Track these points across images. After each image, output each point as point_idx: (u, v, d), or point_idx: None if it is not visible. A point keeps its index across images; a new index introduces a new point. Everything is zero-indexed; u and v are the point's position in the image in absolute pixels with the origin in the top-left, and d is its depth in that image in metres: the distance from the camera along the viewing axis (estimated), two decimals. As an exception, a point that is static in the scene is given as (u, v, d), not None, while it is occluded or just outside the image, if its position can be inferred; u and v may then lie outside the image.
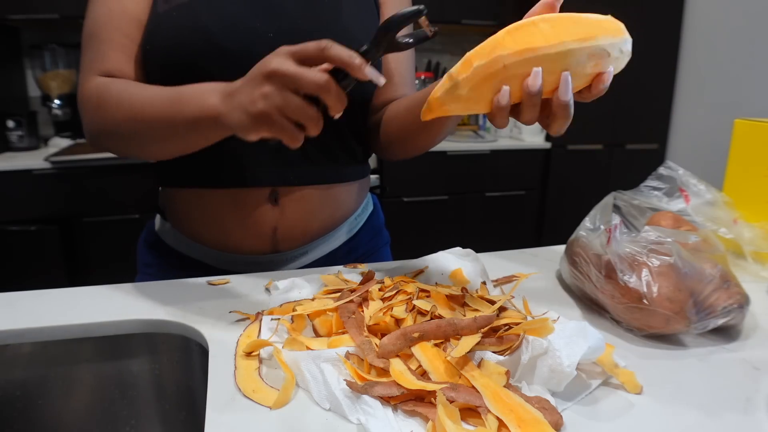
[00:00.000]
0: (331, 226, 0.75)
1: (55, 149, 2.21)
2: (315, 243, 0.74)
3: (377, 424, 0.38)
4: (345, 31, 0.67)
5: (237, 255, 0.72)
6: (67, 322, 0.54)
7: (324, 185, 0.72)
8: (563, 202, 2.70)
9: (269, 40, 0.63)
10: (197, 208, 0.71)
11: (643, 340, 0.51)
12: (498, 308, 0.48)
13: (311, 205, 0.71)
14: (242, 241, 0.71)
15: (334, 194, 0.74)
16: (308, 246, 0.74)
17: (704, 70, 2.54)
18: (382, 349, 0.43)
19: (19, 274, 2.10)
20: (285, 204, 0.70)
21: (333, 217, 0.75)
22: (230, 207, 0.69)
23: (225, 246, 0.72)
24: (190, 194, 0.71)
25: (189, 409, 0.59)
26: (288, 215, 0.70)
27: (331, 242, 0.76)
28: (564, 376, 0.40)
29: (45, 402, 0.56)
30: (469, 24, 2.63)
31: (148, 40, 0.65)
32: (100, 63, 0.65)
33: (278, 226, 0.70)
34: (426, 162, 2.47)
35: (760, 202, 0.74)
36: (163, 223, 0.77)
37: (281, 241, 0.72)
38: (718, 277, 0.51)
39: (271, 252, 0.72)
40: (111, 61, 0.65)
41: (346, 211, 0.77)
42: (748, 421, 0.40)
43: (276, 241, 0.71)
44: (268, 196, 0.69)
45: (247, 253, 0.72)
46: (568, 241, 0.65)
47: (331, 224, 0.75)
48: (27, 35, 2.46)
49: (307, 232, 0.73)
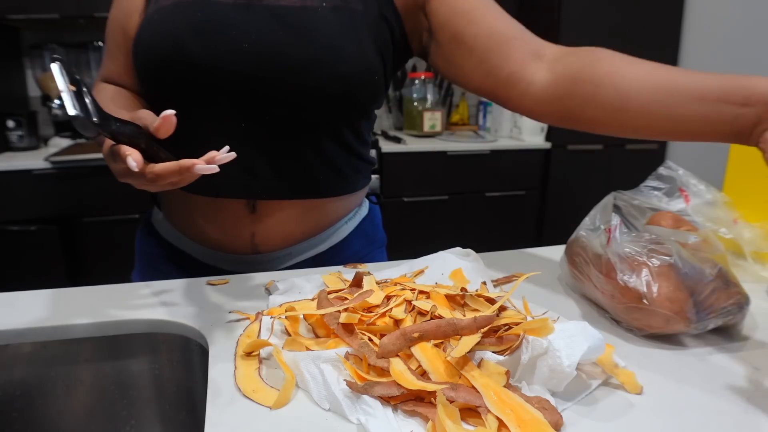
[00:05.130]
0: (315, 232, 0.73)
1: (55, 149, 2.21)
2: (298, 247, 0.73)
3: (377, 424, 0.38)
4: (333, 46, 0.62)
5: (219, 253, 0.72)
6: (67, 322, 0.54)
7: (303, 200, 0.70)
8: (563, 202, 2.70)
9: (242, 50, 0.61)
10: (181, 206, 0.72)
11: (643, 340, 0.51)
12: (498, 308, 0.48)
13: (290, 215, 0.70)
14: (222, 242, 0.71)
15: (316, 206, 0.71)
16: (291, 249, 0.73)
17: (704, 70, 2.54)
18: (382, 349, 0.43)
19: (19, 274, 2.10)
20: (262, 213, 0.69)
21: (317, 225, 0.73)
22: (210, 211, 0.69)
23: (207, 244, 0.72)
24: (175, 193, 0.71)
25: (189, 409, 0.59)
26: (266, 223, 0.69)
27: (317, 247, 0.75)
28: (564, 376, 0.40)
29: (45, 402, 0.56)
30: (469, 24, 2.63)
31: (134, 43, 0.66)
32: (103, 68, 0.73)
33: (256, 232, 0.70)
34: (426, 162, 2.47)
35: (760, 202, 0.74)
36: (157, 212, 0.78)
37: (260, 245, 0.71)
38: (718, 277, 0.51)
39: (252, 253, 0.72)
40: (107, 67, 0.73)
41: (333, 219, 0.75)
42: (748, 421, 0.40)
43: (255, 244, 0.71)
44: (246, 205, 0.68)
45: (229, 252, 0.72)
46: (568, 241, 0.65)
47: (315, 231, 0.73)
48: (27, 35, 2.46)
49: (287, 239, 0.72)
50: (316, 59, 0.62)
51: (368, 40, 0.65)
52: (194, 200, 0.69)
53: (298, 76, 0.62)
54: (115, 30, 0.71)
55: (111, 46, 0.72)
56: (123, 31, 0.70)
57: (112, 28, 0.71)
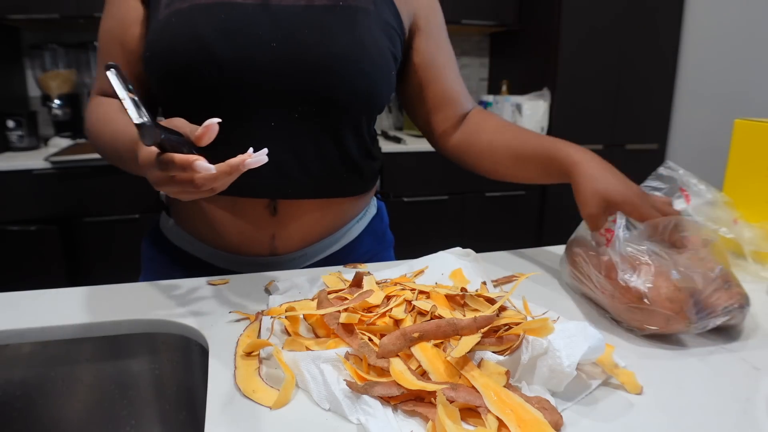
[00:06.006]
0: (331, 232, 0.75)
1: (55, 149, 2.21)
2: (314, 247, 0.74)
3: (377, 424, 0.38)
4: (355, 43, 0.65)
5: (236, 255, 0.72)
6: (67, 322, 0.54)
7: (324, 199, 0.71)
8: (563, 202, 2.69)
9: (272, 50, 0.62)
10: (198, 210, 0.71)
11: (643, 340, 0.51)
12: (498, 308, 0.48)
13: (311, 215, 0.71)
14: (240, 244, 0.71)
15: (335, 206, 0.73)
16: (307, 250, 0.74)
17: (704, 70, 2.54)
18: (382, 349, 0.43)
19: (19, 274, 2.10)
20: (283, 214, 0.69)
21: (334, 224, 0.75)
22: (229, 213, 0.69)
23: (224, 247, 0.72)
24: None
25: (189, 409, 0.59)
26: (286, 224, 0.70)
27: (331, 246, 0.76)
28: (564, 376, 0.40)
29: (45, 402, 0.56)
30: (469, 24, 2.63)
31: (147, 47, 0.65)
32: (98, 81, 0.74)
33: (276, 233, 0.70)
34: (426, 162, 2.47)
35: (760, 202, 0.74)
36: (166, 219, 0.78)
37: (279, 247, 0.71)
38: (718, 277, 0.51)
39: (270, 255, 0.72)
40: (103, 81, 0.73)
41: (348, 219, 0.77)
42: (748, 421, 0.40)
43: (274, 246, 0.71)
44: (267, 206, 0.68)
45: (246, 255, 0.72)
46: (568, 241, 0.65)
47: (332, 230, 0.75)
48: (27, 35, 2.46)
49: (305, 239, 0.73)
50: (341, 56, 0.63)
51: (383, 38, 0.68)
52: (214, 203, 0.69)
53: (325, 73, 0.63)
54: (110, 42, 0.69)
55: (107, 59, 0.70)
56: (120, 42, 0.69)
57: (106, 39, 0.70)
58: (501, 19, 2.69)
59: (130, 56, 0.68)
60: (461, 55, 3.01)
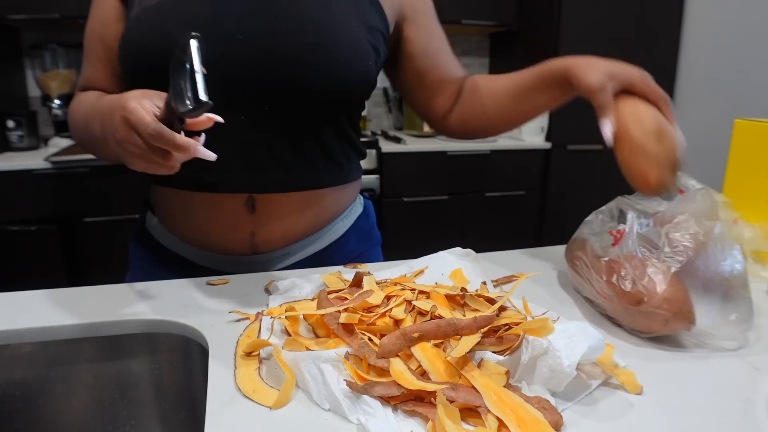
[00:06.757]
0: (313, 230, 0.74)
1: (55, 149, 2.21)
2: (297, 245, 0.73)
3: (377, 424, 0.38)
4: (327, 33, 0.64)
5: (218, 255, 0.72)
6: (67, 322, 0.54)
7: (302, 192, 0.70)
8: (563, 202, 2.70)
9: (238, 43, 0.61)
10: (179, 208, 0.71)
11: (644, 340, 0.52)
12: (498, 308, 0.48)
13: (290, 210, 0.70)
14: (221, 243, 0.71)
15: (314, 200, 0.72)
16: (290, 248, 0.73)
17: (704, 71, 2.54)
18: (382, 349, 0.43)
19: (19, 274, 2.10)
20: (262, 210, 0.69)
21: (315, 222, 0.73)
22: (208, 210, 0.69)
23: (206, 246, 0.72)
24: (173, 194, 0.71)
25: (189, 409, 0.59)
26: (265, 221, 0.69)
27: (315, 244, 0.75)
28: (564, 376, 0.40)
29: (45, 402, 0.56)
30: (469, 24, 2.63)
31: (120, 46, 0.65)
32: (82, 79, 0.74)
33: (255, 231, 0.70)
34: (426, 162, 2.47)
35: (760, 202, 0.74)
36: (151, 218, 0.78)
37: (260, 244, 0.71)
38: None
39: (251, 254, 0.72)
40: (87, 77, 0.73)
41: (331, 214, 0.75)
42: (748, 421, 0.40)
43: (255, 244, 0.71)
44: (245, 202, 0.68)
45: (228, 254, 0.72)
46: (568, 244, 0.65)
47: (314, 228, 0.74)
48: (27, 35, 2.46)
49: (287, 236, 0.72)
50: (312, 46, 0.62)
51: (360, 28, 0.67)
52: (193, 200, 0.69)
53: (297, 64, 0.62)
54: (93, 41, 0.71)
55: (90, 57, 0.72)
56: (101, 40, 0.70)
57: (90, 39, 0.72)
58: (501, 19, 2.69)
59: (110, 53, 0.69)
60: (461, 55, 3.01)
